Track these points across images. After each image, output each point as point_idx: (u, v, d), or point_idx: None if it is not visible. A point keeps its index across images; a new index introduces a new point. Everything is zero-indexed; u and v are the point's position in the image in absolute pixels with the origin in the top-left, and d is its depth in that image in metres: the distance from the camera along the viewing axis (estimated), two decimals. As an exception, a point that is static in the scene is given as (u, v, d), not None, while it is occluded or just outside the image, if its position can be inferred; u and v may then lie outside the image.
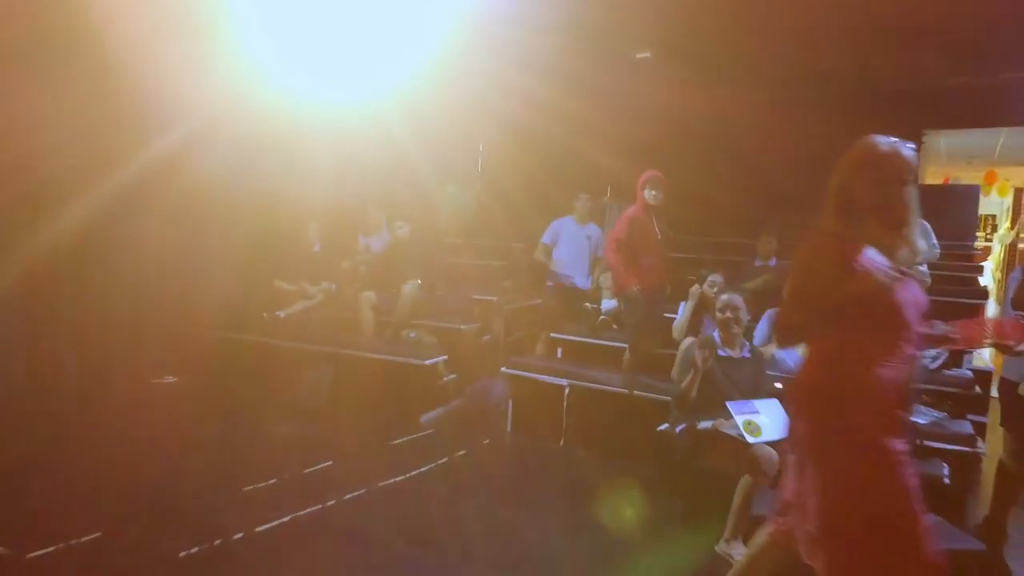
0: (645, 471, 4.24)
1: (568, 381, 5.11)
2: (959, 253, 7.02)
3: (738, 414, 3.39)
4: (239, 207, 6.24)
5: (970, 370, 4.73)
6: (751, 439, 3.30)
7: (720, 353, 3.77)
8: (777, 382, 3.96)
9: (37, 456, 4.12)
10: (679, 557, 3.38)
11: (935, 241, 5.21)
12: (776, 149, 7.02)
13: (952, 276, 6.18)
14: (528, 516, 3.77)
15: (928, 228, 4.84)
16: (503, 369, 5.44)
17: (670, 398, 4.04)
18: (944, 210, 6.70)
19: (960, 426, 4.11)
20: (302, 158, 6.39)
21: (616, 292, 5.58)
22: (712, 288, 4.79)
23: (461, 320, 6.14)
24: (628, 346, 5.10)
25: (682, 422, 3.74)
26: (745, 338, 3.93)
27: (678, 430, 3.76)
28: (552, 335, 5.94)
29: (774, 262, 5.92)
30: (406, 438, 4.97)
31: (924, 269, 4.86)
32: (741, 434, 3.33)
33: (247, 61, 5.12)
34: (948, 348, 3.63)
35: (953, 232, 6.72)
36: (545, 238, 6.18)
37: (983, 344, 2.77)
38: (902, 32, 5.85)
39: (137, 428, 4.77)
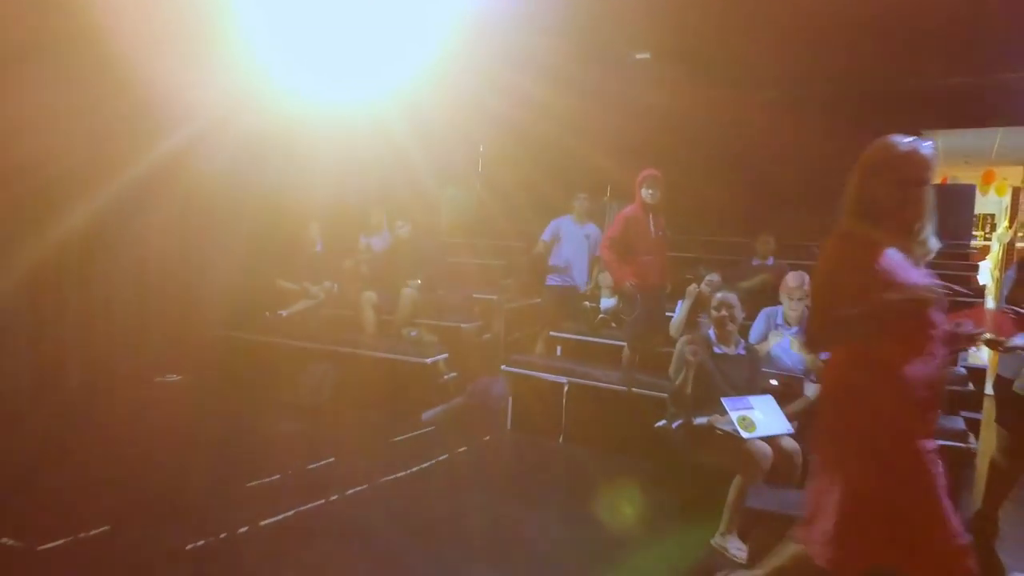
0: (643, 467, 4.31)
1: (567, 379, 5.15)
2: (955, 252, 7.05)
3: (733, 410, 3.45)
4: (242, 207, 6.30)
5: (964, 367, 4.77)
6: (746, 434, 3.36)
7: (715, 350, 3.83)
8: (772, 379, 4.02)
9: (45, 452, 4.19)
10: (676, 551, 3.44)
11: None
12: (774, 149, 7.07)
13: (948, 275, 6.21)
14: (528, 511, 3.82)
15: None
16: (503, 367, 5.48)
17: (667, 395, 4.10)
18: (940, 209, 6.72)
19: (953, 422, 4.15)
20: (304, 158, 6.44)
21: (615, 289, 5.62)
22: (710, 287, 4.84)
23: (461, 319, 6.19)
24: (626, 343, 5.14)
25: (678, 418, 3.79)
26: (740, 336, 3.99)
27: (675, 426, 3.81)
28: (552, 334, 5.97)
29: (772, 261, 5.98)
30: (407, 435, 5.02)
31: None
32: (736, 430, 3.38)
33: (250, 63, 5.18)
34: (975, 346, 3.61)
35: (949, 231, 6.76)
36: (545, 236, 6.21)
37: (1012, 333, 2.77)
38: (899, 33, 5.88)
39: (142, 425, 4.84)
